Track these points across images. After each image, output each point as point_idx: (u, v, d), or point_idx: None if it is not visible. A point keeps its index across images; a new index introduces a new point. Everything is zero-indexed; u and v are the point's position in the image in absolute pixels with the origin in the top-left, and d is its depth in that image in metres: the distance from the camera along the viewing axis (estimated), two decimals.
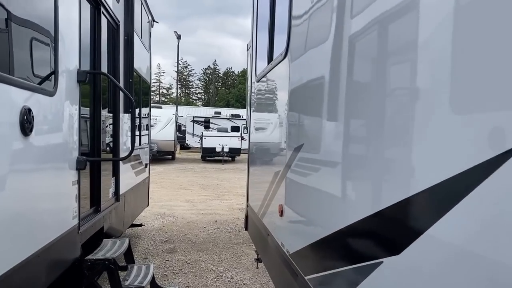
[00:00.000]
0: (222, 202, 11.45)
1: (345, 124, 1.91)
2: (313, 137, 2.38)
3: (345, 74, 1.95)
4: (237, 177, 17.72)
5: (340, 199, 1.93)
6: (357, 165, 1.78)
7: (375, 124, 1.60)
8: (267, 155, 4.06)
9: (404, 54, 1.42)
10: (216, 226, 8.60)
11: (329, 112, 2.12)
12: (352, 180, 1.85)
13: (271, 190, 3.39)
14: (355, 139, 1.85)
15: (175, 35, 33.64)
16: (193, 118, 34.44)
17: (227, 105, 77.28)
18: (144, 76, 7.06)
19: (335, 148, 2.02)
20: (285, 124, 3.05)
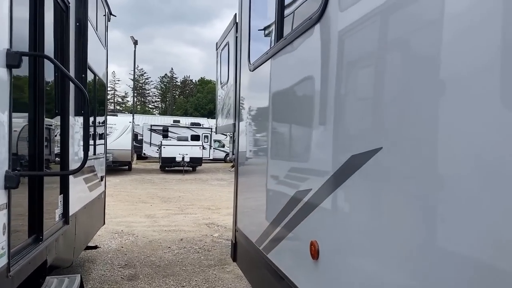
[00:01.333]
0: (186, 217, 10.50)
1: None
2: (399, 138, 1.51)
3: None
4: (200, 188, 16.76)
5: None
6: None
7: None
8: (280, 166, 3.00)
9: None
10: (182, 245, 7.67)
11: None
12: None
13: (290, 215, 2.55)
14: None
15: (131, 40, 32.30)
16: (151, 126, 33.10)
17: (185, 114, 75.81)
18: (100, 76, 6.10)
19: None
20: (337, 118, 2.01)
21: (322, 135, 2.16)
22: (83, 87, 3.19)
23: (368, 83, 1.74)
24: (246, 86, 4.06)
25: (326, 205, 2.05)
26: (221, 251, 7.34)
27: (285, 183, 2.76)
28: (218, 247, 7.60)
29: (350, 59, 1.93)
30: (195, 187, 17.20)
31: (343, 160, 1.86)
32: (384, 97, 1.62)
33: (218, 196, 14.54)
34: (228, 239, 8.15)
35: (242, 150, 4.12)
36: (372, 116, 1.68)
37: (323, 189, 2.09)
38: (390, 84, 1.56)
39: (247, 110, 4.00)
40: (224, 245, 7.70)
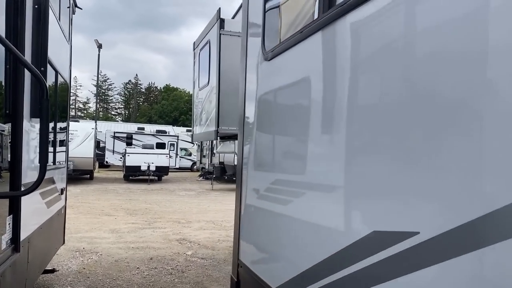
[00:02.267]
0: (155, 232, 9.68)
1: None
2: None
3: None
4: (168, 200, 15.88)
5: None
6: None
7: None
8: (331, 193, 2.11)
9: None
10: (152, 265, 6.89)
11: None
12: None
13: (355, 270, 1.82)
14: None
15: (95, 44, 31.02)
16: (114, 133, 31.89)
17: (149, 121, 74.14)
18: (63, 74, 5.31)
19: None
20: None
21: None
22: (42, 77, 2.46)
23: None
24: (257, 81, 3.31)
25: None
26: (197, 272, 6.61)
27: (345, 218, 1.95)
28: (193, 267, 6.86)
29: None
30: (162, 198, 16.30)
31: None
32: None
33: (187, 208, 13.74)
34: (204, 258, 7.43)
35: (251, 164, 3.32)
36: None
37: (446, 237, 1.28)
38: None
39: (260, 112, 3.24)
40: (200, 265, 6.97)
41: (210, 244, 8.55)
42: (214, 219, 11.59)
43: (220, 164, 21.89)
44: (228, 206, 14.54)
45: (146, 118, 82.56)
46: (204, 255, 7.66)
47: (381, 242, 1.55)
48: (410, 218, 1.43)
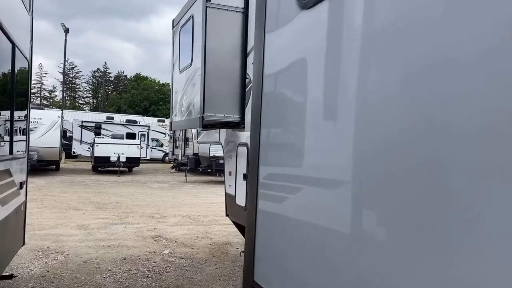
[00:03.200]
0: (127, 228, 8.95)
1: None
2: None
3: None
4: (140, 192, 15.08)
5: None
6: None
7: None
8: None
9: None
10: (125, 267, 6.21)
11: None
12: None
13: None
14: None
15: (62, 28, 29.51)
16: (82, 123, 30.56)
17: (118, 111, 72.17)
18: (22, 49, 4.54)
19: None
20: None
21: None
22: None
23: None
24: (290, 40, 2.36)
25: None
26: (176, 274, 5.98)
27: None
28: (171, 268, 6.22)
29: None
30: (133, 191, 15.48)
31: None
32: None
33: (161, 202, 13.01)
34: (183, 257, 6.80)
35: (275, 165, 2.52)
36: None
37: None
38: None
39: (291, 88, 2.41)
40: (178, 266, 6.34)
41: (188, 241, 7.92)
42: (190, 214, 10.94)
43: (194, 156, 21.14)
44: (204, 199, 13.89)
45: (115, 108, 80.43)
46: (183, 254, 7.02)
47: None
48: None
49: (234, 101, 4.93)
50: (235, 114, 4.93)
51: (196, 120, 4.96)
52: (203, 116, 4.76)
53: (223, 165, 19.04)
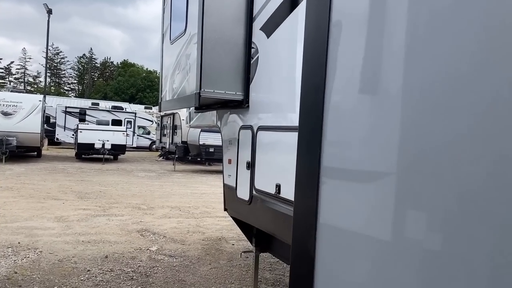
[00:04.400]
0: (110, 220, 8.15)
1: None
2: None
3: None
4: (125, 181, 14.23)
5: None
6: None
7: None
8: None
9: None
10: (107, 267, 5.44)
11: None
12: None
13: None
14: None
15: (45, 8, 28.20)
16: (66, 108, 29.44)
17: (104, 98, 70.59)
18: None
19: None
20: None
21: None
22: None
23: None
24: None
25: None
26: (165, 276, 5.23)
27: None
28: (159, 269, 5.46)
29: None
30: (119, 180, 14.62)
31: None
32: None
33: (148, 192, 12.21)
34: (172, 255, 6.04)
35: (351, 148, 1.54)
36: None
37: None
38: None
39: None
40: (168, 266, 5.59)
41: (178, 236, 7.16)
42: (180, 205, 10.16)
43: (183, 144, 20.30)
44: (194, 189, 13.12)
45: (101, 95, 78.74)
46: (173, 251, 6.27)
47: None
48: None
49: (236, 75, 4.15)
50: (237, 91, 4.15)
51: (190, 97, 4.17)
52: (200, 93, 3.97)
53: (213, 154, 18.22)
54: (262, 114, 3.93)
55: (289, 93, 3.50)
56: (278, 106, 3.69)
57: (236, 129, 4.42)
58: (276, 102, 3.72)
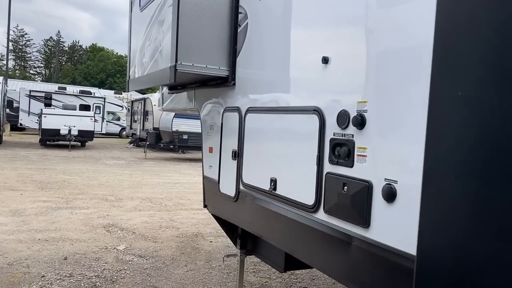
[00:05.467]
0: (73, 214, 7.34)
1: None
2: None
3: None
4: (92, 170, 13.31)
5: None
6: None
7: None
8: None
9: None
10: (66, 271, 4.70)
11: None
12: None
13: None
14: None
15: None
16: (30, 92, 27.97)
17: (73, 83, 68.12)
18: None
19: None
20: None
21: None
22: None
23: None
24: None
25: None
26: (135, 281, 4.53)
27: None
28: (128, 272, 4.75)
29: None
30: (85, 168, 13.67)
31: None
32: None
33: (117, 181, 11.36)
34: (143, 255, 5.33)
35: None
36: None
37: None
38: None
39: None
40: (138, 268, 4.88)
41: (149, 232, 6.44)
42: (151, 196, 9.40)
43: (155, 130, 19.37)
44: (166, 178, 12.35)
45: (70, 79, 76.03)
46: (143, 250, 5.55)
47: None
48: None
49: (220, 46, 3.44)
50: (221, 66, 3.45)
51: (164, 73, 3.45)
52: (176, 66, 3.25)
53: (188, 141, 17.40)
54: (252, 93, 3.25)
55: (285, 67, 2.83)
56: (271, 84, 3.01)
57: (219, 112, 3.72)
58: (270, 78, 3.04)
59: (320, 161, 2.41)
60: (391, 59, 2.00)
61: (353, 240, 2.20)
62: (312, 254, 2.60)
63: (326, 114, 2.40)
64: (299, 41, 2.74)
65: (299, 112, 2.61)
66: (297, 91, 2.71)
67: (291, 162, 2.68)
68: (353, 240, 2.20)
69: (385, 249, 2.00)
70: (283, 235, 2.85)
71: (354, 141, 2.20)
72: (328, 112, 2.38)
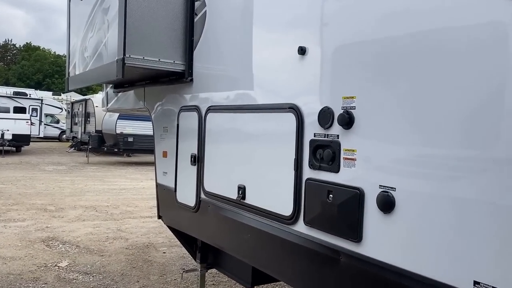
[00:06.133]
0: (7, 228, 6.61)
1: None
2: None
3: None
4: (29, 177, 12.31)
5: None
6: None
7: None
8: None
9: None
10: None
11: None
12: None
13: None
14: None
15: None
16: None
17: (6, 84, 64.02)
18: None
19: None
20: None
21: None
22: None
23: None
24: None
25: None
26: None
27: None
28: None
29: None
30: (21, 175, 12.62)
31: None
32: None
33: (57, 189, 10.53)
34: (88, 272, 4.81)
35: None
36: None
37: None
38: None
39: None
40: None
41: (95, 245, 5.88)
42: (96, 204, 8.74)
43: (97, 133, 18.37)
44: (111, 184, 11.64)
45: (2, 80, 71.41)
46: (89, 266, 5.02)
47: None
48: None
49: (175, 37, 3.07)
50: (176, 59, 3.07)
51: (110, 67, 3.02)
52: (124, 59, 2.84)
53: (133, 144, 16.62)
54: (214, 90, 2.90)
55: (253, 60, 2.51)
56: (236, 79, 2.68)
57: (175, 112, 3.33)
58: (234, 73, 2.71)
59: (299, 166, 2.11)
60: (386, 43, 1.73)
61: (340, 256, 1.92)
62: (289, 271, 2.29)
63: (304, 112, 2.10)
64: (269, 29, 2.42)
65: (272, 111, 2.29)
66: (269, 86, 2.39)
67: (263, 168, 2.36)
68: (341, 255, 1.92)
69: (382, 266, 1.73)
70: (253, 249, 2.53)
71: (339, 142, 1.92)
72: (307, 110, 2.09)
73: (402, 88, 1.66)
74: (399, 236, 1.68)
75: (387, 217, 1.71)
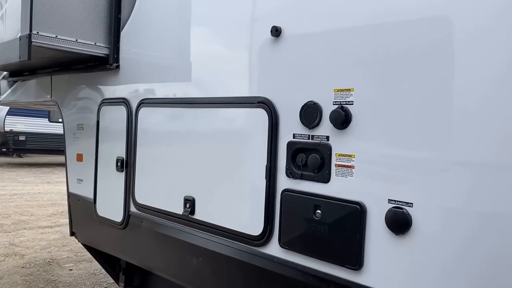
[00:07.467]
0: None
1: None
2: None
3: None
4: None
5: None
6: None
7: None
8: None
9: None
10: None
11: None
12: None
13: None
14: None
15: None
16: None
17: None
18: None
19: None
20: None
21: None
22: None
23: None
24: None
25: None
26: None
27: None
28: None
29: None
30: None
31: None
32: None
33: None
34: None
35: None
36: None
37: None
38: None
39: None
40: None
41: None
42: None
43: None
44: (0, 189, 10.19)
45: None
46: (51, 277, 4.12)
47: None
48: None
49: (97, 14, 2.48)
50: (99, 41, 2.49)
51: (10, 47, 2.35)
52: (31, 36, 2.20)
53: (25, 143, 15.02)
54: (149, 80, 2.37)
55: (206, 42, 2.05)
56: (182, 66, 2.18)
57: (94, 106, 2.72)
58: (179, 59, 2.21)
59: (272, 174, 1.70)
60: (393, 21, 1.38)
61: (331, 287, 1.55)
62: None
63: (280, 108, 1.69)
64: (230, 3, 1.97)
65: (235, 105, 1.85)
66: (231, 76, 1.94)
67: (222, 176, 1.91)
68: (331, 286, 1.54)
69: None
70: (204, 275, 2.06)
71: (330, 145, 1.54)
72: (283, 105, 1.68)
73: (425, 74, 1.33)
74: (413, 262, 1.35)
75: (398, 239, 1.37)
